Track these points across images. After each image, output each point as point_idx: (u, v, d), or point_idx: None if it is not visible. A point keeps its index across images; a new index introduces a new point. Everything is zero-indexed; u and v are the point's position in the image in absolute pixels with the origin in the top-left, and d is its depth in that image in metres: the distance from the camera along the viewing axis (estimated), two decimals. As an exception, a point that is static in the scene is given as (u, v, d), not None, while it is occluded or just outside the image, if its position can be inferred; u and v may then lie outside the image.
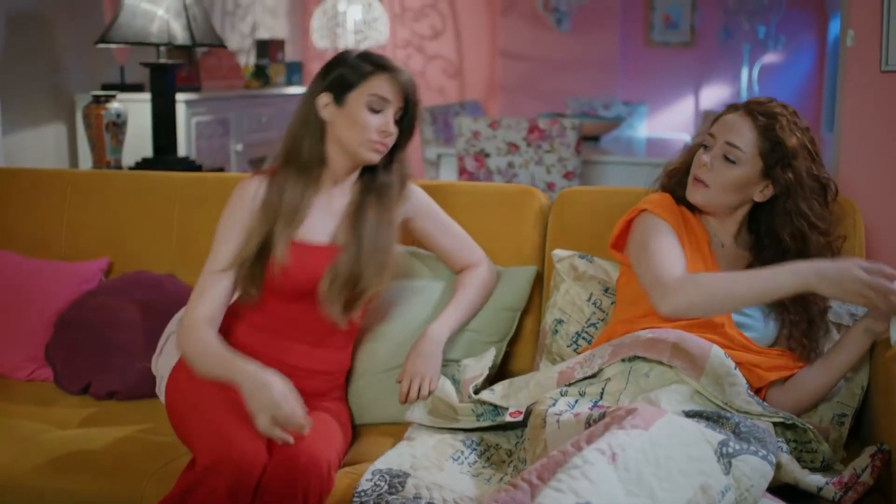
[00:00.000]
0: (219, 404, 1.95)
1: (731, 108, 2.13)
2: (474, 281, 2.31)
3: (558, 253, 2.41)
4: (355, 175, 2.17)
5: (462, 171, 4.71)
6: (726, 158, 2.07)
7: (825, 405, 2.12)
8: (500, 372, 2.34)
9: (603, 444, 1.61)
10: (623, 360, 2.01)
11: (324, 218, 2.13)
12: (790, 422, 1.94)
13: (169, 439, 2.14)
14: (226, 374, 1.93)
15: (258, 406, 1.84)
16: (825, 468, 1.97)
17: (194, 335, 2.01)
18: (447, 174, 5.09)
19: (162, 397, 2.33)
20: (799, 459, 1.94)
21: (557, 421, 1.85)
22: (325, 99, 2.09)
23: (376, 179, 2.16)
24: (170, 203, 2.72)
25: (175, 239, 2.70)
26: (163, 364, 2.37)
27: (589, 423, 1.78)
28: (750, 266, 2.10)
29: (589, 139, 5.25)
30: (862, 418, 2.16)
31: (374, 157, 2.10)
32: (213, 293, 2.06)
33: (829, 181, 2.09)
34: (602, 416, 1.76)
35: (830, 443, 2.07)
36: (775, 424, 1.93)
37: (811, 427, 1.96)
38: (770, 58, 7.44)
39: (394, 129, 2.10)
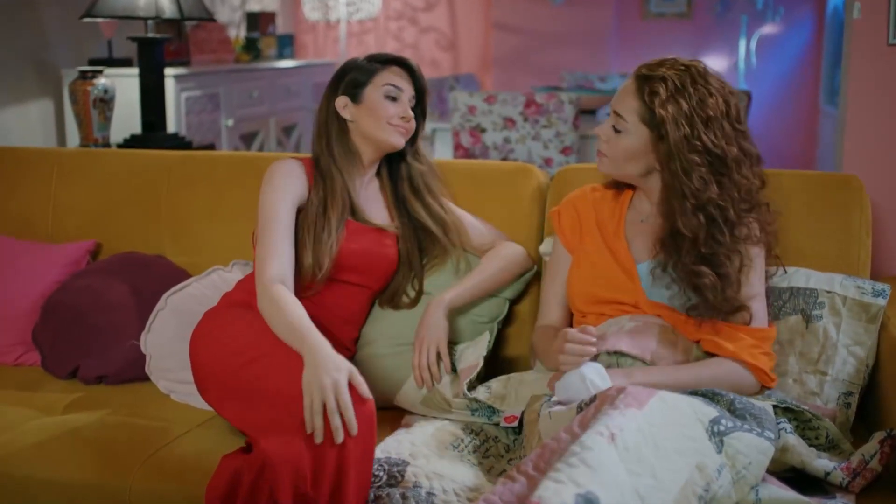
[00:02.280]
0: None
1: (632, 74, 2.04)
2: (490, 255, 2.31)
3: (546, 246, 2.35)
4: (376, 167, 2.30)
5: (457, 147, 4.66)
6: (615, 129, 2.01)
7: (830, 384, 2.07)
8: (494, 355, 2.31)
9: (600, 427, 1.57)
10: (608, 353, 1.97)
11: (368, 204, 2.26)
12: (783, 405, 1.91)
13: (159, 424, 2.12)
14: (296, 345, 1.87)
15: (309, 383, 1.75)
16: (831, 446, 1.94)
17: (269, 298, 1.98)
18: (442, 149, 5.03)
19: (152, 376, 2.33)
20: (803, 437, 1.91)
21: (549, 413, 1.82)
22: (342, 101, 2.23)
23: (406, 169, 2.29)
24: (159, 182, 2.68)
25: (164, 219, 2.66)
26: (151, 342, 2.34)
27: (581, 408, 1.74)
28: (660, 239, 2.00)
29: (586, 112, 5.19)
30: (867, 400, 2.13)
31: (400, 140, 2.23)
32: (281, 253, 2.06)
33: (725, 150, 1.92)
34: (593, 400, 1.72)
35: (837, 426, 2.04)
36: (773, 406, 1.90)
37: (806, 408, 1.93)
38: (768, 29, 7.36)
39: (412, 114, 2.23)
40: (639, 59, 2.07)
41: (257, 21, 6.02)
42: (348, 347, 2.24)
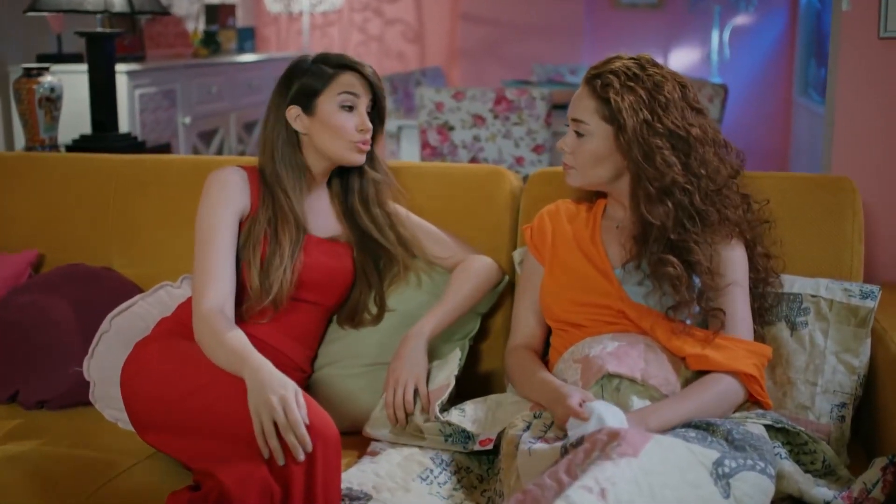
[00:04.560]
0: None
1: (582, 80, 2.03)
2: (461, 273, 2.19)
3: (519, 255, 2.26)
4: (326, 178, 2.19)
5: (425, 146, 4.59)
6: (578, 134, 1.97)
7: (821, 396, 1.99)
8: (467, 372, 2.19)
9: (589, 481, 1.45)
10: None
11: (317, 215, 2.14)
12: (779, 425, 1.83)
13: (104, 456, 2.00)
14: (236, 368, 1.80)
15: (256, 405, 1.71)
16: (828, 471, 1.86)
17: (207, 328, 1.89)
18: (409, 147, 4.93)
19: (97, 404, 2.20)
20: (798, 463, 1.83)
21: (529, 449, 1.71)
22: (294, 112, 2.09)
23: (359, 179, 2.18)
24: (106, 188, 2.56)
25: (112, 227, 2.54)
26: (95, 367, 2.23)
27: (566, 449, 1.62)
28: (633, 236, 1.96)
29: (558, 107, 5.11)
30: (861, 414, 2.04)
31: (360, 158, 2.11)
32: (219, 278, 1.96)
33: (687, 130, 1.89)
34: (580, 441, 1.61)
35: (832, 443, 1.96)
36: (766, 427, 1.82)
37: (802, 429, 1.86)
38: (741, 20, 7.36)
39: (370, 125, 2.10)
40: (610, 50, 2.04)
41: (216, 14, 5.97)
42: (303, 369, 2.13)
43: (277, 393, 1.68)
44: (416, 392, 2.01)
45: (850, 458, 1.96)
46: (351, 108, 2.07)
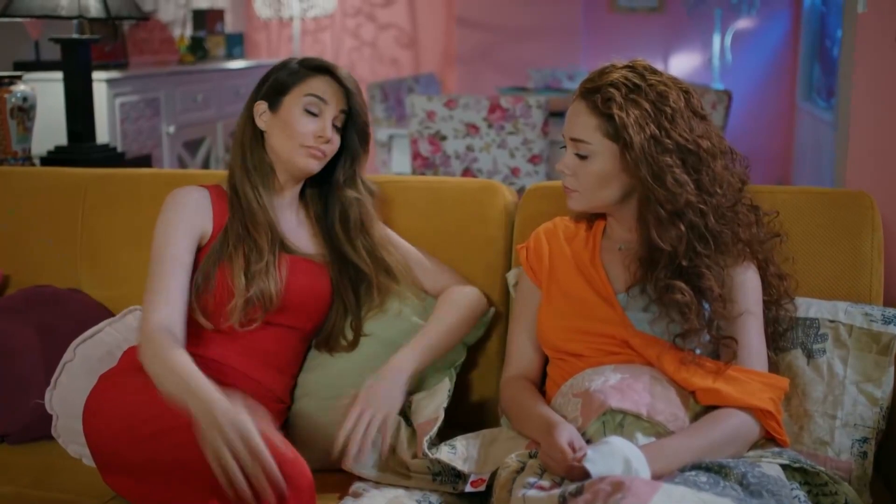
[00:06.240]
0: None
1: (574, 94, 1.90)
2: (444, 304, 2.07)
3: (514, 276, 2.15)
4: (298, 188, 2.10)
5: (416, 157, 4.52)
6: (579, 155, 1.84)
7: (840, 430, 1.88)
8: (458, 403, 2.09)
9: None
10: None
11: (290, 231, 2.07)
12: (797, 464, 1.72)
13: (65, 497, 1.93)
14: (183, 396, 1.66)
15: (214, 443, 1.56)
16: None
17: (151, 348, 1.78)
18: (400, 158, 4.83)
19: (60, 439, 2.12)
20: None
21: (523, 496, 1.58)
22: (261, 107, 2.04)
23: (340, 200, 2.09)
24: (74, 204, 2.47)
25: (81, 246, 2.45)
26: (58, 399, 2.14)
27: (564, 498, 1.50)
28: (639, 258, 1.85)
29: (555, 115, 5.02)
30: (884, 448, 1.92)
31: (312, 165, 2.01)
32: (170, 298, 1.87)
33: (698, 143, 1.79)
34: (579, 491, 1.48)
35: (853, 482, 1.84)
36: (782, 466, 1.71)
37: (823, 469, 1.74)
38: (743, 23, 7.35)
39: (332, 136, 2.01)
40: (608, 55, 1.93)
41: (204, 19, 5.95)
42: (282, 399, 2.02)
43: (232, 421, 1.54)
44: (400, 425, 1.90)
45: (873, 497, 1.85)
46: (315, 114, 2.00)
